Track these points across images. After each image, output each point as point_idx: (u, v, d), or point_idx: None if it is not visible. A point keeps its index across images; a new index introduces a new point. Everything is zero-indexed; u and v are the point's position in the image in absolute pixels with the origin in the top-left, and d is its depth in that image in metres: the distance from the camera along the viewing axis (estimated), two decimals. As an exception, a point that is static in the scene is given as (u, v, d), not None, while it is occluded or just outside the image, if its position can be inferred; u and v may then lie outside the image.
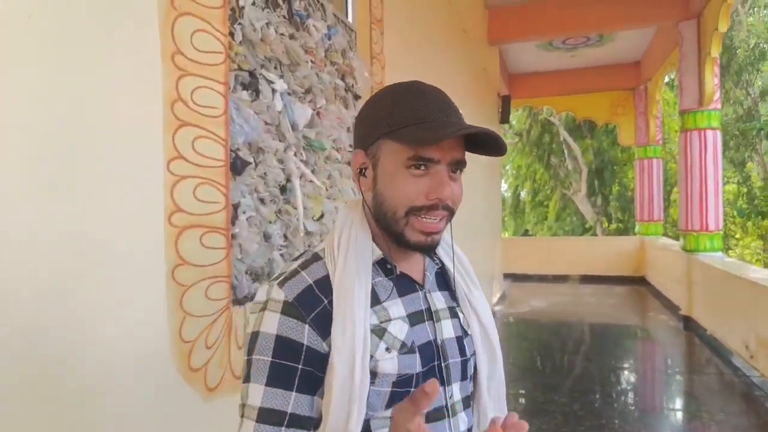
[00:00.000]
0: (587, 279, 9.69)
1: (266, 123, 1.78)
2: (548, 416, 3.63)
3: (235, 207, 1.62)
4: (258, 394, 0.72)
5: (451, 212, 0.80)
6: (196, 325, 1.39)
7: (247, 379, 0.74)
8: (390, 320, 0.78)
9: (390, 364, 0.76)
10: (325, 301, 0.75)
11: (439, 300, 0.86)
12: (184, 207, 1.35)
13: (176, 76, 1.32)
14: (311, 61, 2.12)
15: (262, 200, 1.76)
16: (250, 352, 0.74)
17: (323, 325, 0.74)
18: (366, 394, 0.73)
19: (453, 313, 0.87)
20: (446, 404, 0.83)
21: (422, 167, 0.75)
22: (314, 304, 0.74)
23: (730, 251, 14.60)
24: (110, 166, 1.15)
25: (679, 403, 4.14)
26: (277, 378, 0.72)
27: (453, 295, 0.89)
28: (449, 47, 4.74)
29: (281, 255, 1.87)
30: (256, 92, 1.74)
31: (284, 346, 0.72)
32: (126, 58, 1.19)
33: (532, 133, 15.22)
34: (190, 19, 1.37)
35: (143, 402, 1.25)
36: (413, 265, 0.86)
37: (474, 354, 0.88)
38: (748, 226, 13.93)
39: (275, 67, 1.86)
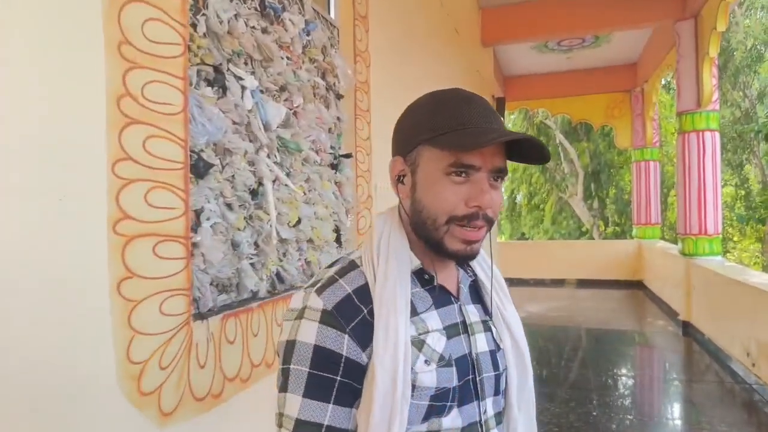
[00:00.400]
0: (584, 283, 9.56)
1: (234, 122, 1.65)
2: (543, 427, 3.49)
3: (198, 213, 1.50)
4: (295, 404, 0.71)
5: (491, 223, 0.78)
6: (148, 344, 1.26)
7: (284, 388, 0.73)
8: (428, 332, 0.77)
9: (429, 377, 0.75)
10: (365, 311, 0.74)
11: (473, 313, 0.85)
12: (133, 213, 1.21)
13: (123, 68, 1.19)
14: (287, 58, 2.00)
15: (229, 206, 1.63)
16: (286, 361, 0.73)
17: (363, 335, 0.72)
18: (407, 407, 0.72)
19: (486, 327, 0.86)
20: (480, 420, 0.81)
21: (463, 174, 0.74)
22: (354, 314, 0.73)
23: (728, 254, 14.51)
24: (40, 167, 1.02)
25: (678, 412, 4.01)
26: (315, 389, 0.71)
27: (485, 309, 0.88)
28: (439, 47, 4.62)
29: (252, 264, 1.74)
30: (223, 89, 1.61)
31: (323, 357, 0.71)
32: (63, 47, 1.06)
33: (529, 136, 15.10)
34: (140, 6, 1.24)
35: (86, 431, 1.11)
36: (448, 277, 0.85)
37: (506, 369, 0.86)
38: (746, 229, 13.85)
39: (245, 63, 1.74)
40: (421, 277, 0.80)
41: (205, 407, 1.46)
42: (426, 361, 0.75)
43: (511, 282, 9.47)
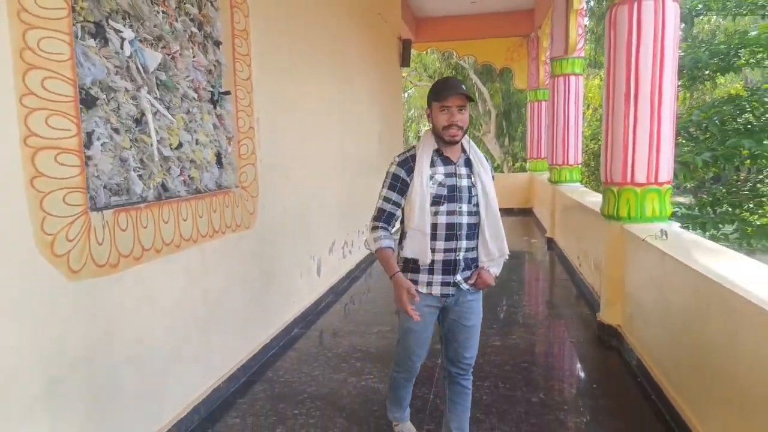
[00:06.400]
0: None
1: (116, 66, 2.17)
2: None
3: (90, 134, 2.05)
4: (384, 191, 2.07)
5: (460, 128, 1.97)
6: (56, 223, 1.85)
7: (382, 187, 2.09)
8: (437, 173, 2.02)
9: (432, 189, 2.01)
10: (411, 163, 2.04)
11: (461, 169, 2.06)
12: (39, 132, 1.76)
13: (22, 29, 1.71)
14: (162, 12, 2.50)
15: (116, 130, 2.18)
16: (386, 176, 2.09)
17: (409, 172, 2.03)
18: (428, 200, 1.99)
19: (468, 176, 2.06)
20: (457, 210, 2.01)
21: (445, 110, 1.96)
22: (408, 163, 2.04)
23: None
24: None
25: (528, 301, 5.01)
26: (392, 186, 2.06)
27: (471, 170, 2.07)
28: (331, -6, 5.07)
29: (139, 176, 2.33)
30: (104, 40, 2.12)
31: (396, 177, 2.05)
32: (-25, 16, 1.57)
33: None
34: (31, -18, 1.73)
35: (3, 280, 1.71)
36: (453, 153, 2.06)
37: (476, 195, 2.04)
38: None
39: (123, 18, 2.24)
40: (440, 153, 2.05)
41: (103, 272, 2.08)
42: (433, 183, 2.00)
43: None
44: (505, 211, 10.64)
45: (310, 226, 4.52)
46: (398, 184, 2.04)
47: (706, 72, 10.20)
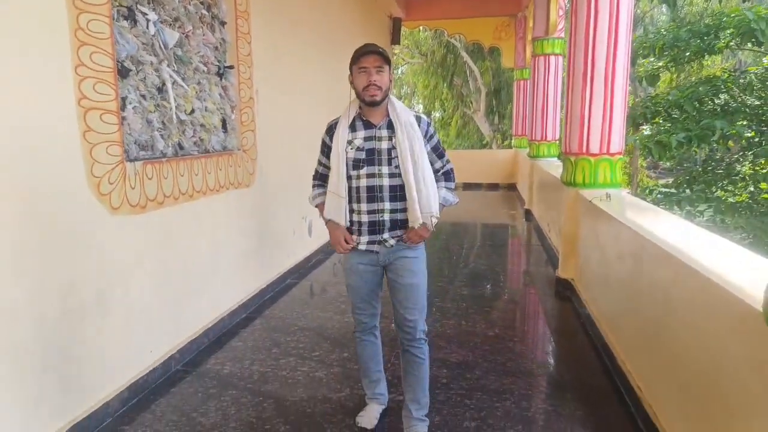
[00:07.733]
0: (469, 186, 11.16)
1: (143, 43, 2.62)
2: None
3: (124, 99, 2.51)
4: (318, 155, 2.19)
5: (379, 88, 1.98)
6: (102, 168, 2.33)
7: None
8: (356, 138, 2.06)
9: (351, 153, 2.05)
10: (335, 130, 2.09)
11: (383, 132, 2.06)
12: (88, 95, 2.23)
13: (77, 12, 2.16)
14: (179, -3, 2.93)
15: (143, 96, 2.65)
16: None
17: (332, 136, 2.10)
18: (344, 163, 2.04)
19: (389, 139, 2.04)
20: (376, 173, 2.03)
21: (363, 71, 1.97)
22: (332, 129, 2.12)
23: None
24: (37, 70, 2.01)
25: (505, 263, 5.57)
26: (321, 150, 2.18)
27: (393, 132, 2.04)
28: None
29: (161, 135, 2.80)
30: (134, 21, 2.57)
31: (323, 143, 2.17)
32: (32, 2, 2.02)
33: (436, 55, 16.09)
34: (82, -25, 2.18)
35: (66, 210, 2.20)
36: (375, 116, 2.07)
37: (397, 156, 2.03)
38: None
39: (148, 2, 2.68)
40: (362, 118, 2.07)
41: (135, 211, 2.57)
42: (351, 148, 2.03)
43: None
44: (492, 186, 11.29)
45: (302, 190, 4.99)
46: (325, 149, 2.15)
47: (687, 54, 10.60)
